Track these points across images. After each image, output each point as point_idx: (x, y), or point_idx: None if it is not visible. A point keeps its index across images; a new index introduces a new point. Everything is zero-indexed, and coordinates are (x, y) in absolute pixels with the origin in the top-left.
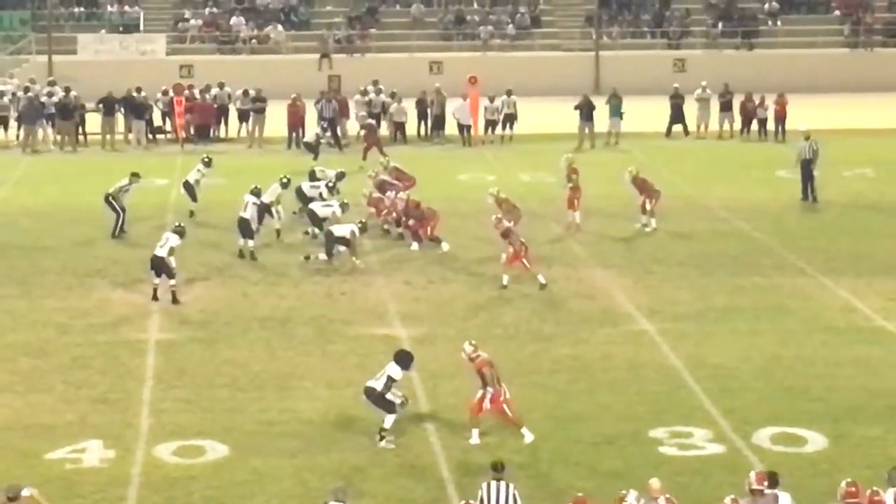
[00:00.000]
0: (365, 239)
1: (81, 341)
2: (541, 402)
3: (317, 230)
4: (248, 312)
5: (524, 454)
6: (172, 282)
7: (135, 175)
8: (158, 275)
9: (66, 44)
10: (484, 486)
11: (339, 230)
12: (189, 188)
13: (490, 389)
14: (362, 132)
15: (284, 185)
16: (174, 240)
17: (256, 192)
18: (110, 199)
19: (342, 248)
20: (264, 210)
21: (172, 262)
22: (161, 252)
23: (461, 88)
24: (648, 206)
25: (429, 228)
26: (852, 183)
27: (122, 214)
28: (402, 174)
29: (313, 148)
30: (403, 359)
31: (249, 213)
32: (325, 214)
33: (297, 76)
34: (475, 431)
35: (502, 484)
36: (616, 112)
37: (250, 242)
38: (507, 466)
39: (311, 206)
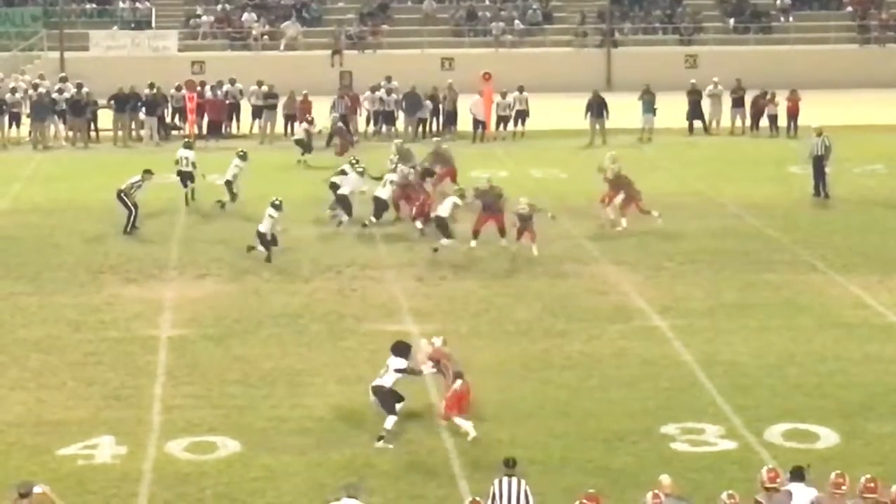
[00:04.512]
0: (377, 235)
1: (93, 337)
2: (552, 398)
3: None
4: (260, 309)
5: (536, 450)
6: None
7: (147, 172)
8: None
9: (77, 40)
10: (496, 482)
11: (442, 210)
12: (229, 185)
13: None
14: (336, 139)
15: (278, 208)
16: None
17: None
18: (122, 195)
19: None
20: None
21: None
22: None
23: (473, 85)
24: (618, 205)
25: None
26: (864, 179)
27: (134, 211)
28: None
29: (304, 144)
30: (402, 349)
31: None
32: (384, 195)
33: (309, 72)
34: (469, 425)
35: (514, 480)
36: (649, 108)
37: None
38: (518, 463)
39: (377, 193)
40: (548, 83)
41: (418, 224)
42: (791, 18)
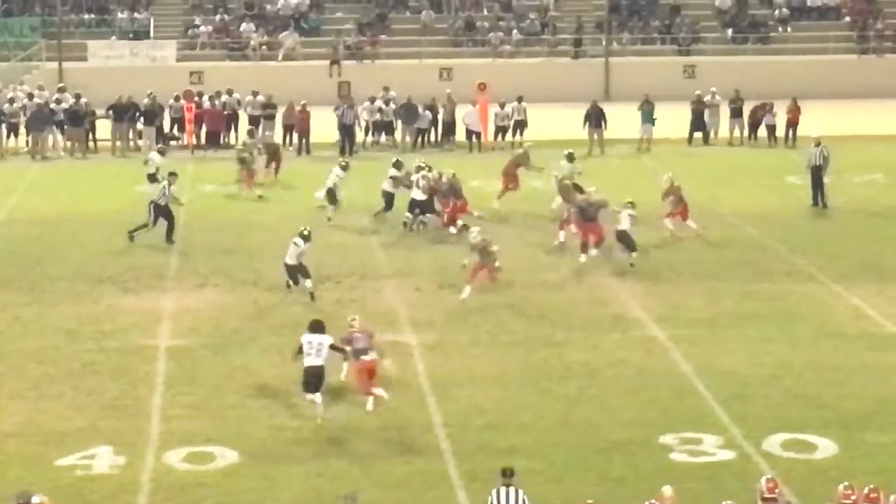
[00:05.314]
0: (375, 243)
1: (91, 347)
2: (551, 407)
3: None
4: (259, 319)
5: (535, 460)
6: (308, 283)
7: (172, 174)
8: (295, 281)
9: (76, 50)
10: (494, 492)
11: (624, 224)
12: (331, 194)
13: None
14: (264, 153)
15: (305, 238)
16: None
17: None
18: (154, 205)
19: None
20: None
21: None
22: (291, 260)
23: (471, 95)
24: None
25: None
26: (862, 189)
27: (152, 225)
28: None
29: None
30: (321, 326)
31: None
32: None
33: (307, 83)
34: (380, 394)
35: (511, 490)
36: (648, 118)
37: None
38: (516, 473)
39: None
40: (546, 93)
41: (452, 230)
42: (789, 29)
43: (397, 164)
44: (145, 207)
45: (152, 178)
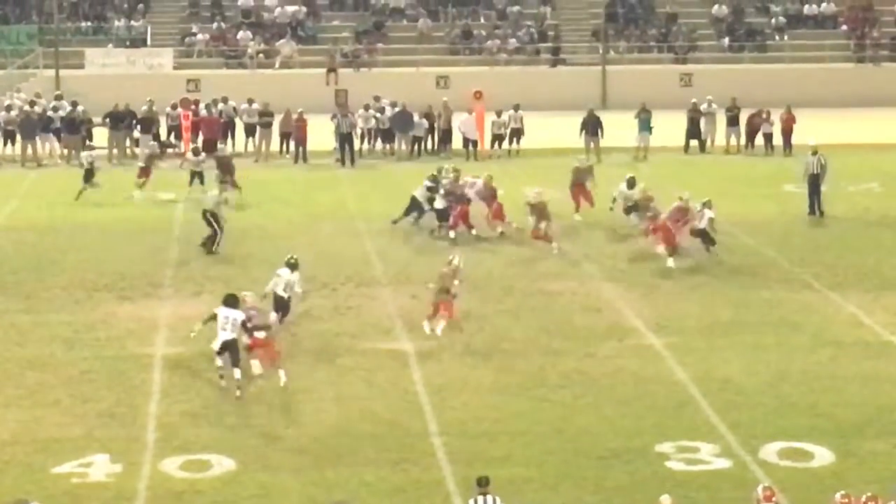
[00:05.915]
0: (371, 250)
1: (88, 355)
2: (548, 416)
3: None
4: None
5: (531, 468)
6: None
7: (223, 182)
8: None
9: (73, 58)
10: (471, 501)
11: (702, 223)
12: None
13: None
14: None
15: (292, 267)
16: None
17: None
18: (208, 214)
19: None
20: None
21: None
22: (279, 291)
23: (468, 103)
24: (544, 229)
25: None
26: (859, 197)
27: (219, 233)
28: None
29: (200, 176)
30: (235, 302)
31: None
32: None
33: (304, 91)
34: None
35: (489, 498)
36: (645, 126)
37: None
38: (513, 480)
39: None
40: (543, 101)
41: (451, 234)
42: (786, 37)
43: (433, 179)
44: (144, 212)
45: (89, 174)
